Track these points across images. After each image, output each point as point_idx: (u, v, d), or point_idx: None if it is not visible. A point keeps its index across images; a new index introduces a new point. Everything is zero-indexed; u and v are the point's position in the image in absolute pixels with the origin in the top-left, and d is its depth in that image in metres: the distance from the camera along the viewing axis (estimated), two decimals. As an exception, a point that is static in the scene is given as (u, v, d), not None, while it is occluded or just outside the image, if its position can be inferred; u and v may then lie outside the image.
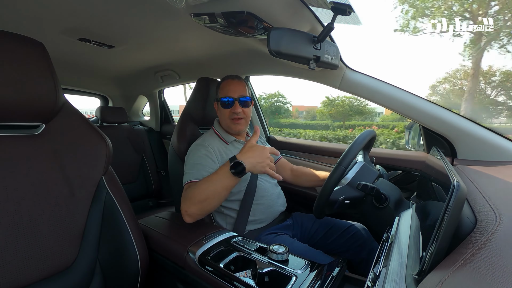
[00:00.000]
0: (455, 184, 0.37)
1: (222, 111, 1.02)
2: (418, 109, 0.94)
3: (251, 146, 0.82)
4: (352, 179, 0.84)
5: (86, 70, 1.79)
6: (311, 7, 0.79)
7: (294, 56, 0.75)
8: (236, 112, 1.00)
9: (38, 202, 0.61)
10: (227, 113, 1.01)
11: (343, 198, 0.79)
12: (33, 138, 0.65)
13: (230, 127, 1.03)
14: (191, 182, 0.88)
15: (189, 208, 0.79)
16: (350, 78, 1.03)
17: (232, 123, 1.02)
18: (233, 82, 1.03)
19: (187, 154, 1.00)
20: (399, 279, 0.43)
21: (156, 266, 0.79)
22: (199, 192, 0.79)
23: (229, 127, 1.04)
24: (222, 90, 1.03)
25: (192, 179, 0.88)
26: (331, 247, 1.00)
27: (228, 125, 1.04)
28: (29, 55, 0.60)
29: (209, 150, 0.96)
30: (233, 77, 1.05)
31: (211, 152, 0.96)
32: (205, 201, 0.78)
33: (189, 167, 0.93)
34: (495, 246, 0.34)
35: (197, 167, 0.91)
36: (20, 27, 1.02)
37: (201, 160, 0.93)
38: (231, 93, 1.00)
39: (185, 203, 0.80)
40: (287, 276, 0.61)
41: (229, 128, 1.04)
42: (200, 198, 0.78)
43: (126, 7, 0.89)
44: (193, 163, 0.93)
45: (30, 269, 0.58)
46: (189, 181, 0.88)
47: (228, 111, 1.01)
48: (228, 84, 1.03)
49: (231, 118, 1.02)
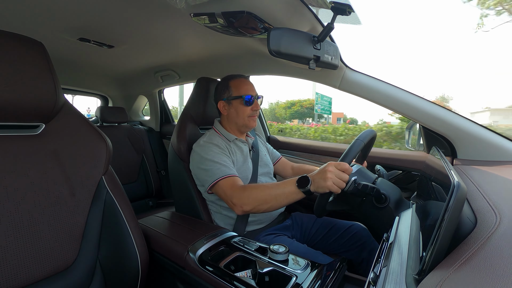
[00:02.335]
0: (455, 184, 0.37)
1: (242, 108, 1.02)
2: (418, 109, 0.94)
3: (321, 170, 0.74)
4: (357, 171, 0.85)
5: (86, 70, 1.79)
6: (311, 7, 0.79)
7: (294, 56, 0.75)
8: (257, 110, 1.03)
9: (38, 202, 0.61)
10: (247, 111, 1.02)
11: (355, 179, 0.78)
12: (33, 138, 0.65)
13: (248, 124, 1.04)
14: (227, 177, 0.88)
15: (246, 205, 0.81)
16: (350, 78, 1.03)
17: (251, 120, 1.04)
18: (247, 81, 1.05)
19: (199, 152, 0.97)
20: (399, 279, 0.43)
21: (156, 266, 0.79)
22: (259, 195, 0.80)
23: (246, 125, 1.04)
24: (239, 89, 1.03)
25: (227, 174, 0.89)
26: (332, 247, 1.00)
27: (245, 123, 1.04)
28: (29, 55, 0.60)
29: (220, 148, 0.97)
30: (244, 76, 1.07)
31: (223, 149, 0.97)
32: (265, 204, 0.80)
33: (211, 164, 0.92)
34: (495, 246, 0.34)
35: (218, 165, 0.91)
36: (20, 27, 1.02)
37: (217, 158, 0.93)
38: (250, 91, 1.02)
39: (240, 199, 0.82)
40: (287, 276, 0.61)
41: (246, 125, 1.05)
42: (260, 199, 0.80)
43: (126, 7, 0.89)
44: (213, 160, 0.92)
45: (30, 269, 0.58)
46: (224, 176, 0.88)
47: (249, 109, 1.02)
48: (245, 83, 1.04)
49: (249, 116, 1.03)
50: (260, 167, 1.08)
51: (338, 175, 0.71)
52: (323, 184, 0.71)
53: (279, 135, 1.73)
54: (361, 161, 1.06)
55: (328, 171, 0.71)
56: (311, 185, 0.74)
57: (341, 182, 0.71)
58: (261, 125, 1.69)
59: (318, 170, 0.75)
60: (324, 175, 0.71)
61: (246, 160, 1.04)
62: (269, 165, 1.14)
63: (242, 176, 0.98)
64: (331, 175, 0.71)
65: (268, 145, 1.29)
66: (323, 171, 0.72)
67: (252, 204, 0.80)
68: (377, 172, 0.99)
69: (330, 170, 0.71)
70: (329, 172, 0.71)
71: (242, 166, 1.01)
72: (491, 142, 0.87)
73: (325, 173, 0.71)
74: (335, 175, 0.71)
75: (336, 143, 1.65)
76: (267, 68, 1.32)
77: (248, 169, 1.03)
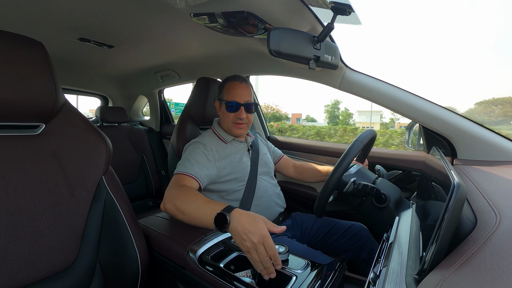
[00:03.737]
0: (455, 184, 0.37)
1: (226, 114, 1.02)
2: (418, 109, 0.94)
3: (255, 216, 0.61)
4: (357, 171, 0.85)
5: (86, 70, 1.79)
6: (311, 7, 0.79)
7: (294, 56, 0.75)
8: (241, 118, 1.00)
9: (38, 202, 0.61)
10: (231, 117, 1.01)
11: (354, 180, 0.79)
12: (33, 138, 0.65)
13: (232, 130, 1.03)
14: (182, 174, 0.87)
15: (169, 203, 0.76)
16: (350, 78, 1.03)
17: (235, 127, 1.02)
18: (241, 86, 1.02)
19: (184, 149, 1.00)
20: (399, 279, 0.43)
21: (156, 266, 0.79)
22: (183, 203, 0.74)
23: (230, 130, 1.04)
24: (228, 92, 1.01)
25: (183, 171, 0.87)
26: (332, 247, 1.00)
27: (229, 128, 1.03)
28: (29, 55, 0.60)
29: (206, 148, 0.96)
30: (240, 80, 1.03)
31: (208, 150, 0.96)
32: (181, 214, 0.73)
33: (184, 160, 0.93)
34: (495, 246, 0.34)
35: (191, 162, 0.91)
36: (20, 27, 1.02)
37: (196, 156, 0.93)
38: (237, 98, 1.00)
39: (169, 195, 0.78)
40: (287, 276, 0.61)
41: (230, 131, 1.04)
42: (180, 207, 0.74)
43: (126, 7, 0.89)
44: (188, 157, 0.93)
45: (30, 269, 0.58)
46: (180, 172, 0.87)
47: (233, 115, 1.01)
48: (236, 87, 1.01)
49: (234, 122, 1.01)
50: (260, 166, 1.07)
51: (261, 254, 0.56)
52: (240, 244, 0.59)
53: (279, 135, 1.73)
54: (361, 160, 1.07)
55: (252, 241, 0.56)
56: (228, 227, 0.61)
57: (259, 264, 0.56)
58: (261, 125, 1.69)
59: (248, 214, 0.61)
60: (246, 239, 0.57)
61: (242, 160, 1.03)
62: (269, 164, 1.13)
63: (237, 175, 0.98)
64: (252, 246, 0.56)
65: (270, 143, 1.29)
66: (248, 233, 0.57)
67: (171, 207, 0.75)
68: (377, 172, 0.99)
69: (255, 242, 0.56)
70: (251, 243, 0.56)
71: (237, 166, 1.00)
72: (491, 142, 0.87)
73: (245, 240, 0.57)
74: (256, 251, 0.56)
75: (336, 143, 1.65)
76: (267, 68, 1.32)
77: (244, 168, 1.01)
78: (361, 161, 1.06)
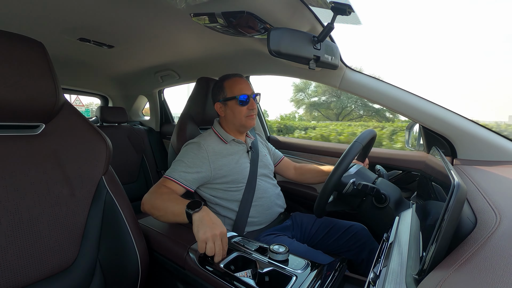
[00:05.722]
0: (455, 184, 0.37)
1: (238, 109, 1.00)
2: (418, 109, 0.94)
3: (216, 222, 0.69)
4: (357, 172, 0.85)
5: (86, 70, 1.79)
6: (311, 7, 0.79)
7: (294, 56, 0.75)
8: (253, 109, 1.01)
9: (38, 202, 0.61)
10: (244, 111, 1.00)
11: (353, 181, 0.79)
12: (33, 138, 0.65)
13: (246, 124, 1.02)
14: (168, 178, 0.90)
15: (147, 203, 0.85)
16: (350, 78, 1.03)
17: (249, 119, 1.02)
18: (242, 80, 1.03)
19: (182, 148, 1.01)
20: (399, 279, 0.43)
21: (156, 266, 0.79)
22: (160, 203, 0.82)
23: (244, 125, 1.03)
24: (233, 89, 1.01)
25: (169, 176, 0.91)
26: (332, 248, 1.00)
27: (243, 123, 1.02)
28: (29, 55, 0.60)
29: (201, 150, 0.95)
30: (238, 75, 1.05)
31: (203, 152, 0.95)
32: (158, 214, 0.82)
33: (175, 162, 0.95)
34: (495, 246, 0.34)
35: (181, 165, 0.93)
36: (20, 27, 1.02)
37: (188, 160, 0.94)
38: (245, 91, 1.00)
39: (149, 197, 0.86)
40: (287, 276, 0.61)
41: (244, 126, 1.03)
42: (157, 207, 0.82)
43: (126, 7, 0.89)
44: (180, 160, 0.95)
45: (30, 268, 0.58)
46: (167, 176, 0.91)
47: (245, 109, 1.00)
48: (239, 82, 1.02)
49: (247, 116, 1.01)
50: (260, 167, 1.07)
51: (216, 242, 0.66)
52: (197, 234, 0.67)
53: (279, 135, 1.73)
54: (362, 159, 1.07)
55: (208, 234, 0.65)
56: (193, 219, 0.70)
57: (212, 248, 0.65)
58: (260, 125, 1.69)
59: (210, 219, 0.69)
60: (204, 232, 0.66)
61: (240, 161, 1.02)
62: (269, 166, 1.13)
63: (235, 177, 0.98)
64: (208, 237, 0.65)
65: (270, 145, 1.27)
66: (206, 226, 0.67)
67: (148, 207, 0.84)
68: (377, 172, 0.99)
69: (209, 236, 0.65)
70: (209, 236, 0.65)
71: (234, 167, 0.99)
72: (491, 142, 0.87)
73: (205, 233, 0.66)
74: (212, 241, 0.65)
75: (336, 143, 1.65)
76: (267, 68, 1.32)
77: (243, 170, 1.01)
78: (361, 160, 1.06)
